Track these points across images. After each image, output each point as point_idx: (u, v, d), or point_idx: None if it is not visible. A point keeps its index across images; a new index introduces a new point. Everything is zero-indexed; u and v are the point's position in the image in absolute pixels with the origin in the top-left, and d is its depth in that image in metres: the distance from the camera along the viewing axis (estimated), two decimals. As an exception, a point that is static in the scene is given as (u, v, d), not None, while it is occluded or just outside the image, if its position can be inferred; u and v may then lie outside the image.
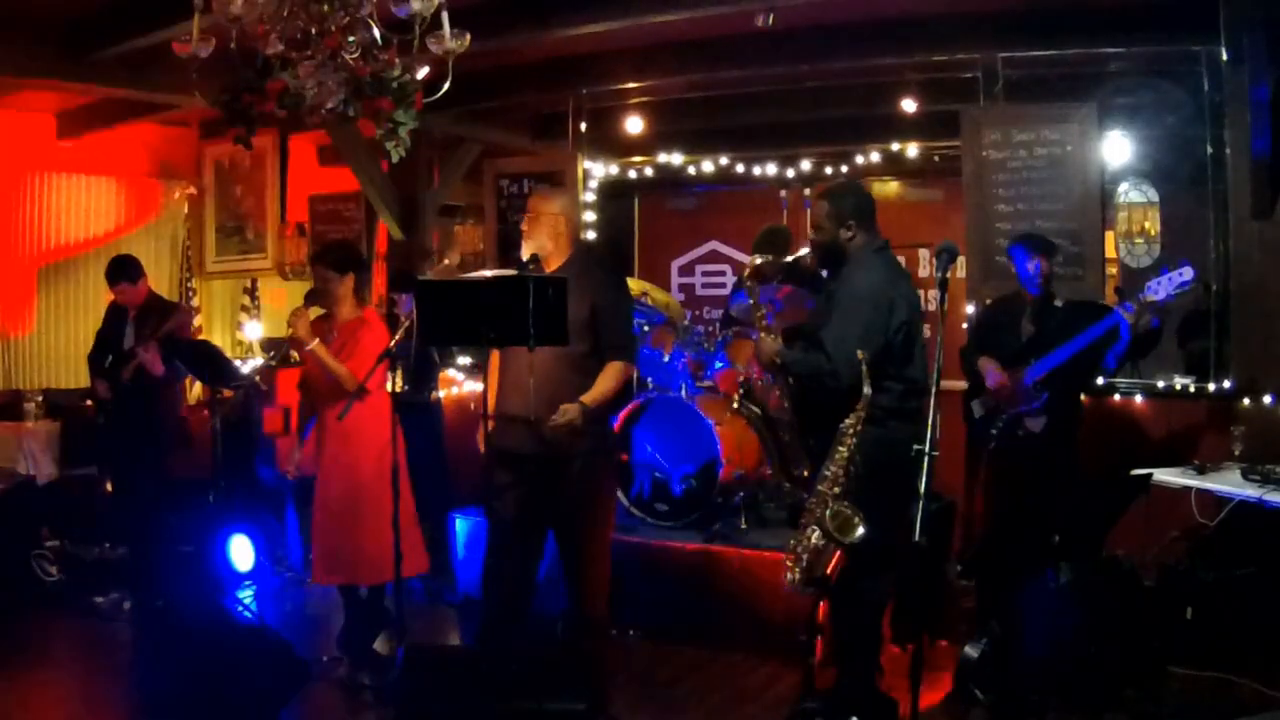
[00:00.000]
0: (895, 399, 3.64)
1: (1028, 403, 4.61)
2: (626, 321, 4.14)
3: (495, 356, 4.21)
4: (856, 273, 3.72)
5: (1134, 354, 4.92)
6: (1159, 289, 4.36)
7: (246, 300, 8.83)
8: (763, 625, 4.65)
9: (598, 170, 7.97)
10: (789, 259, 5.05)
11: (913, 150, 7.55)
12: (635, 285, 5.79)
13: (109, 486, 6.11)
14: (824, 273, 4.15)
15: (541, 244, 4.02)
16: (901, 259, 3.87)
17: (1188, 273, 4.35)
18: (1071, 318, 4.65)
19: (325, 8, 3.26)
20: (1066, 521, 3.60)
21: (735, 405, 5.32)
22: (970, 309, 5.82)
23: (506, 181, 7.51)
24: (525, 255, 4.02)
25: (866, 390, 3.38)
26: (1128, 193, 6.72)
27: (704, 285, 8.92)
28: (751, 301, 3.99)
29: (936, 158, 7.57)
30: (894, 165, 7.81)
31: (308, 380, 4.80)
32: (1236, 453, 4.57)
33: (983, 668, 4.04)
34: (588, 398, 3.77)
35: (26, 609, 5.47)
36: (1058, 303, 4.79)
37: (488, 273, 4.02)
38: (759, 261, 4.36)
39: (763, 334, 3.92)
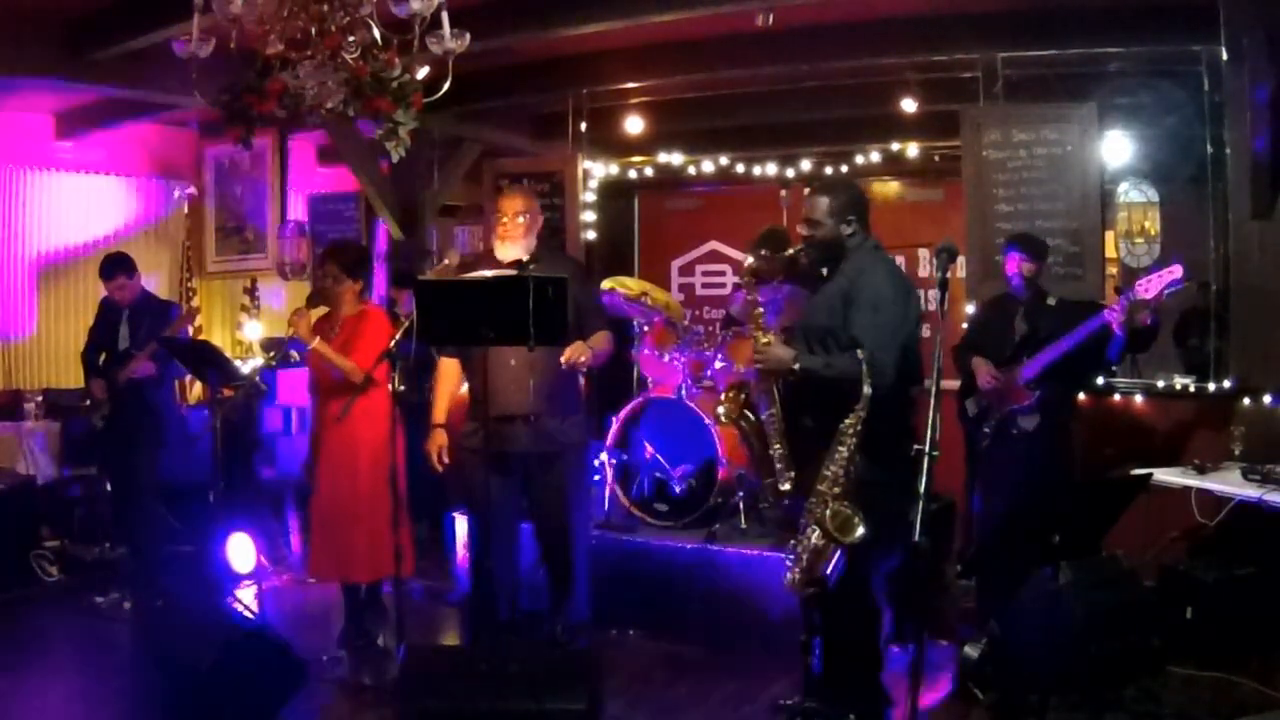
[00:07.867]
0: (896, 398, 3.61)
1: (1020, 401, 4.64)
2: (600, 304, 4.39)
3: (444, 364, 4.28)
4: (874, 273, 3.59)
5: (1132, 350, 4.94)
6: (1148, 287, 4.38)
7: (246, 300, 8.82)
8: (763, 625, 4.64)
9: (598, 170, 7.97)
10: (789, 252, 5.02)
11: (913, 150, 7.54)
12: (635, 285, 5.78)
13: (109, 486, 6.10)
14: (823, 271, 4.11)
15: (530, 244, 4.09)
16: (901, 259, 3.85)
17: (1177, 271, 4.37)
18: (1064, 316, 4.68)
19: (325, 8, 3.27)
20: (1066, 521, 3.59)
21: (726, 415, 4.99)
22: (970, 309, 5.82)
23: (506, 181, 7.49)
24: (511, 258, 4.07)
25: (866, 390, 3.37)
26: (1128, 193, 6.73)
27: (704, 285, 8.89)
28: (750, 298, 3.92)
29: (936, 158, 7.56)
30: (894, 165, 7.79)
31: (313, 381, 4.80)
32: (1236, 453, 4.58)
33: (983, 668, 4.04)
34: (590, 345, 4.01)
35: (26, 609, 5.47)
36: (1050, 301, 4.82)
37: (488, 273, 4.03)
38: (750, 262, 4.25)
39: (766, 340, 3.65)
